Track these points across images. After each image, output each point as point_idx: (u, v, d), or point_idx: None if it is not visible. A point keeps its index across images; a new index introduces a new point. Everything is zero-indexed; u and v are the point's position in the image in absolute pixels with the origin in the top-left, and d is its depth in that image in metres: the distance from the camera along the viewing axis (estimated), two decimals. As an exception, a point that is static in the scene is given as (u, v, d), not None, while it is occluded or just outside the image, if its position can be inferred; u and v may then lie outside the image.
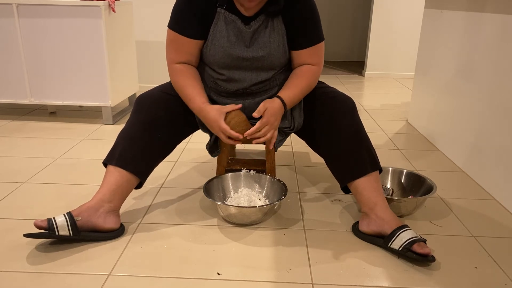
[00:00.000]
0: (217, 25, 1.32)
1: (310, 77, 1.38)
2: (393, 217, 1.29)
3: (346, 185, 1.39)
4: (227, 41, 1.32)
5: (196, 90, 1.36)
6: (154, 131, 1.36)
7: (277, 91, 1.42)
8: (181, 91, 1.38)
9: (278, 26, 1.33)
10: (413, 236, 1.22)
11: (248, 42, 1.33)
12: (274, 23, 1.32)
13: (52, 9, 2.33)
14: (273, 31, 1.33)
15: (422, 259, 1.19)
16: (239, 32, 1.32)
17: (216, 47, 1.33)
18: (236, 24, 1.31)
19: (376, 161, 1.37)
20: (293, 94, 1.36)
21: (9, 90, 2.51)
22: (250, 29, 1.31)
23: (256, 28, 1.32)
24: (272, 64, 1.36)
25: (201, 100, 1.35)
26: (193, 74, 1.39)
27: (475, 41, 1.89)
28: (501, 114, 1.66)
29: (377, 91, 3.65)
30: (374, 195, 1.33)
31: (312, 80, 1.39)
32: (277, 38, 1.33)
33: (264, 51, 1.33)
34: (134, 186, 1.38)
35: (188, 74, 1.38)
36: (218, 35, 1.32)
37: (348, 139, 1.35)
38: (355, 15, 5.26)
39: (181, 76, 1.37)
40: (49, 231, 1.22)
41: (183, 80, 1.37)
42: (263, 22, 1.32)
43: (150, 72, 3.55)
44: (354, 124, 1.36)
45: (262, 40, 1.33)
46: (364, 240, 1.34)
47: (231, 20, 1.31)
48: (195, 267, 1.20)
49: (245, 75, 1.37)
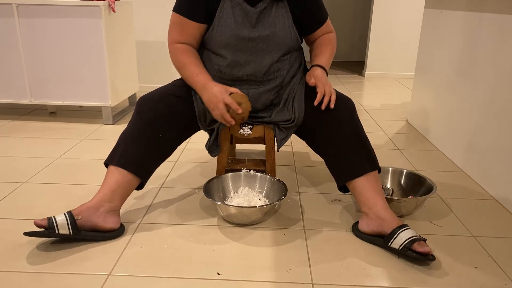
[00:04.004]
0: (223, 8, 1.36)
1: (332, 42, 1.51)
2: (393, 217, 1.29)
3: (344, 185, 1.39)
4: (234, 21, 1.36)
5: (198, 68, 1.40)
6: (155, 132, 1.36)
7: (281, 81, 1.43)
8: (183, 69, 1.41)
9: (284, 8, 1.38)
10: (413, 235, 1.22)
11: (254, 23, 1.36)
12: (279, 6, 1.37)
13: (52, 9, 2.33)
14: (278, 12, 1.37)
15: (422, 258, 1.19)
16: (245, 14, 1.35)
17: (223, 28, 1.36)
18: (242, 6, 1.35)
19: (375, 161, 1.37)
20: (325, 59, 1.46)
21: (9, 90, 2.51)
22: (256, 10, 1.35)
23: (263, 9, 1.36)
24: (277, 44, 1.38)
25: (205, 77, 1.38)
26: (194, 53, 1.44)
27: (475, 41, 1.89)
28: (501, 114, 1.66)
29: (377, 91, 3.65)
30: (374, 194, 1.33)
31: (334, 44, 1.52)
32: (281, 19, 1.38)
33: (269, 30, 1.37)
34: (135, 187, 1.38)
35: (190, 53, 1.41)
36: (225, 16, 1.36)
37: (347, 139, 1.35)
38: (355, 15, 5.26)
39: (183, 54, 1.41)
40: (49, 230, 1.22)
41: (185, 58, 1.40)
42: (268, 4, 1.36)
43: (150, 72, 3.55)
44: (353, 123, 1.36)
45: (268, 21, 1.37)
46: (364, 240, 1.34)
47: (237, 3, 1.35)
48: (195, 267, 1.20)
49: (250, 58, 1.39)
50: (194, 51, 1.44)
